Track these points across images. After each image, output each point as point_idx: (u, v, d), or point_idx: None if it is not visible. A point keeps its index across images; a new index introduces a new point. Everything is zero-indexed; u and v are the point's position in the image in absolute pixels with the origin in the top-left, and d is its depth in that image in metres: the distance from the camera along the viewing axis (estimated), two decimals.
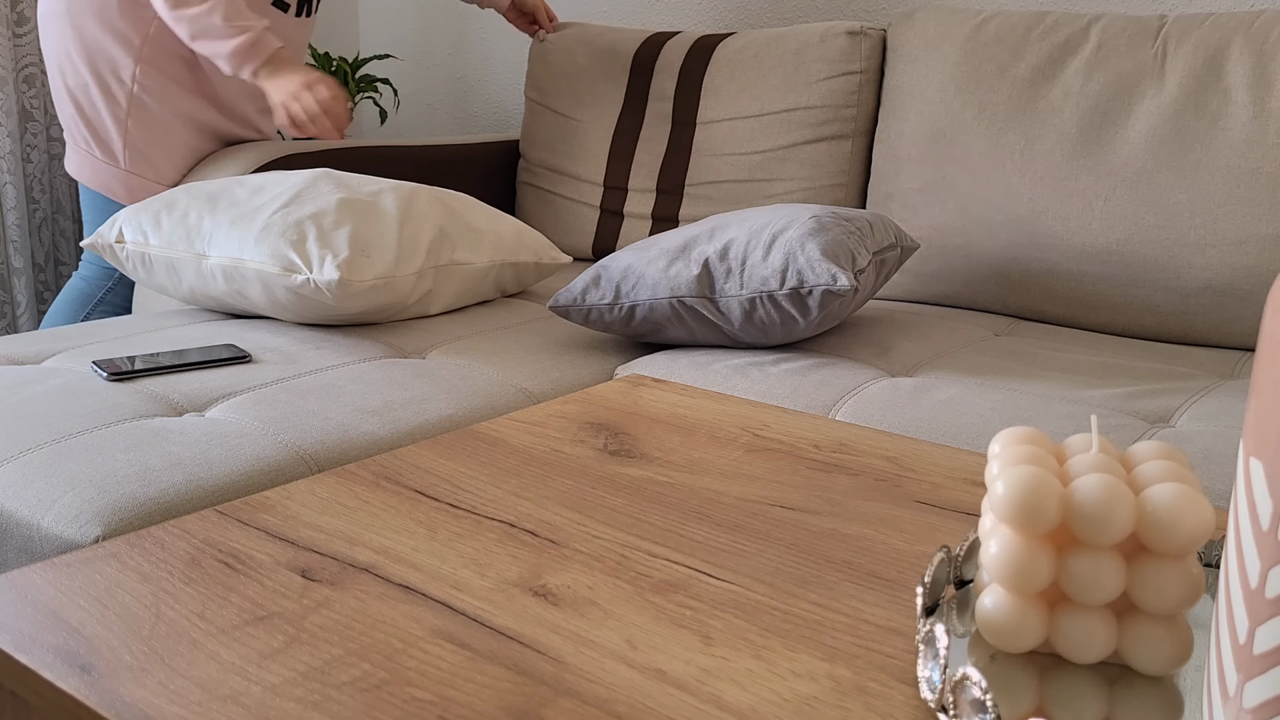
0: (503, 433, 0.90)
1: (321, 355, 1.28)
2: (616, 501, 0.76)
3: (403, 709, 0.52)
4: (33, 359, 1.26)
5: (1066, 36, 1.60)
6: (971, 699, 0.49)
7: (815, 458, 0.86)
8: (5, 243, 2.25)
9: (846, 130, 1.77)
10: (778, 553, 0.69)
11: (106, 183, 1.69)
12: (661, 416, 0.95)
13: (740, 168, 1.82)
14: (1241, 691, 0.40)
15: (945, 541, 0.72)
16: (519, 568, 0.66)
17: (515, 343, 1.38)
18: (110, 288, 1.75)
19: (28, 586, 0.62)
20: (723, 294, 1.29)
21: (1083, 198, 1.53)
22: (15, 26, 2.21)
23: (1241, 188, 1.43)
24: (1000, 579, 0.54)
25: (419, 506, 0.75)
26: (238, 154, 1.73)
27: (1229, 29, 1.49)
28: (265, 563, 0.66)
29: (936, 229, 1.64)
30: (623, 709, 0.52)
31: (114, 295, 1.76)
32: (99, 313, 1.76)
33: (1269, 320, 0.40)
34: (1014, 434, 0.59)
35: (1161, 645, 0.53)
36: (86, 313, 1.75)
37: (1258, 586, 0.39)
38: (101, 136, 1.67)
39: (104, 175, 1.69)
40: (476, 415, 1.17)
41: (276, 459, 1.00)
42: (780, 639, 0.59)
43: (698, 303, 1.30)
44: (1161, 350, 1.43)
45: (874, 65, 1.78)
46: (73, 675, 0.54)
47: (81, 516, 0.88)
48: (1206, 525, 0.52)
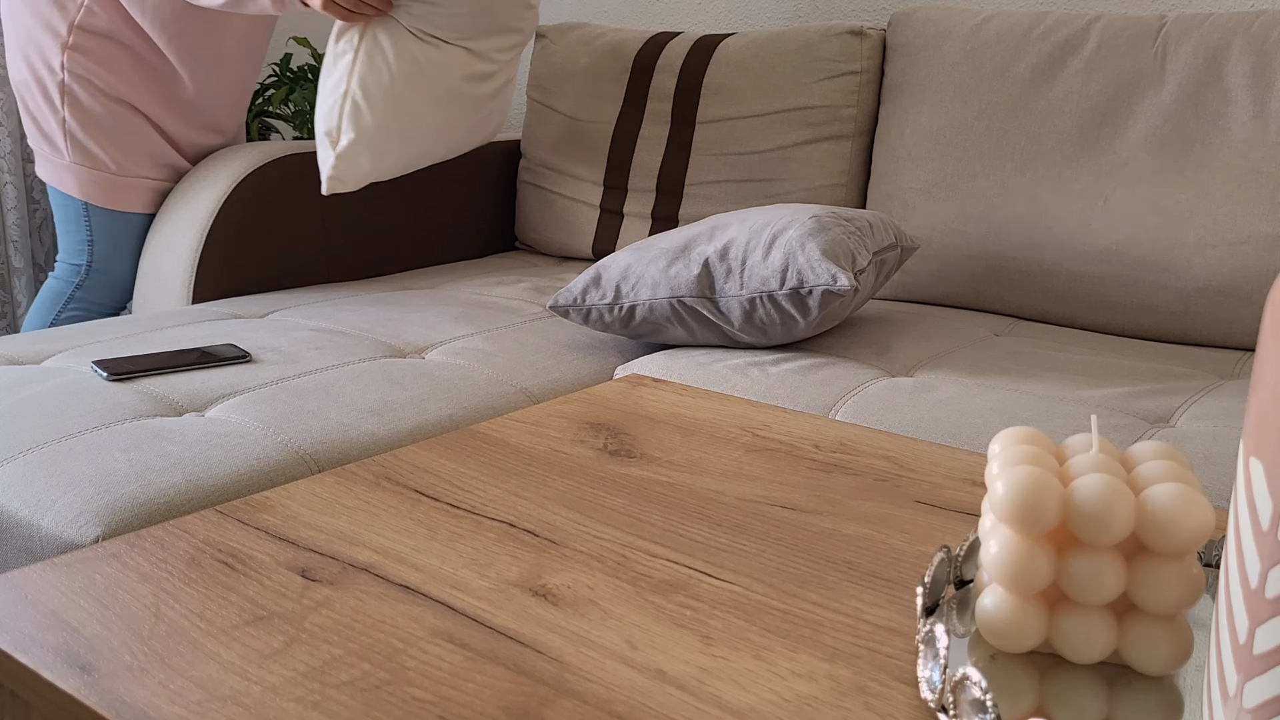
0: (503, 433, 0.90)
1: (321, 355, 1.28)
2: (616, 501, 0.76)
3: (403, 709, 0.52)
4: (33, 359, 1.26)
5: (1066, 36, 1.60)
6: (971, 699, 0.49)
7: (815, 458, 0.86)
8: (5, 243, 2.25)
9: (846, 130, 1.77)
10: (778, 553, 0.69)
11: (59, 177, 1.67)
12: (661, 416, 0.95)
13: (740, 168, 1.82)
14: (1241, 691, 0.40)
15: (945, 541, 0.72)
16: (519, 568, 0.66)
17: (515, 343, 1.38)
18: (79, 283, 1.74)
19: (28, 586, 0.62)
20: (723, 294, 1.29)
21: (1083, 198, 1.53)
22: None
23: (1241, 188, 1.43)
24: (1000, 579, 0.54)
25: (419, 506, 0.75)
26: (239, 153, 1.73)
27: (1229, 29, 1.49)
28: (265, 563, 0.66)
29: (936, 229, 1.64)
30: (623, 709, 0.52)
31: (84, 292, 1.74)
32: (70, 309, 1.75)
33: (1269, 320, 0.40)
34: (1014, 434, 0.59)
35: (1161, 645, 0.53)
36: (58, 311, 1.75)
37: (1258, 586, 0.39)
38: (45, 131, 1.66)
39: (55, 170, 1.67)
40: (476, 415, 1.17)
41: (276, 459, 1.00)
42: (780, 639, 0.59)
43: (698, 303, 1.30)
44: (1161, 350, 1.43)
45: (874, 65, 1.78)
46: (73, 675, 0.54)
47: (81, 516, 0.88)
48: (1206, 525, 0.52)
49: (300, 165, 1.76)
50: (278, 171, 1.72)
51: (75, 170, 1.66)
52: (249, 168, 1.69)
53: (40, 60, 1.62)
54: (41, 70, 1.63)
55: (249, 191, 1.68)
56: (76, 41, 1.61)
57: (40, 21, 1.61)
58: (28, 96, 1.66)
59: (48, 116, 1.65)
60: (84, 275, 1.73)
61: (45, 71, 1.63)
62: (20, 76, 1.65)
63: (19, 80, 1.66)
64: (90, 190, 1.68)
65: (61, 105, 1.63)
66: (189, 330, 1.38)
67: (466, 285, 1.75)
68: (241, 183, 1.67)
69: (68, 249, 1.74)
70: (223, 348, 1.27)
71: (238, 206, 1.67)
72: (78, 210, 1.70)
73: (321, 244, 1.80)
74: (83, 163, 1.66)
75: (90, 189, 1.68)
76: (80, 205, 1.69)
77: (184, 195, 1.70)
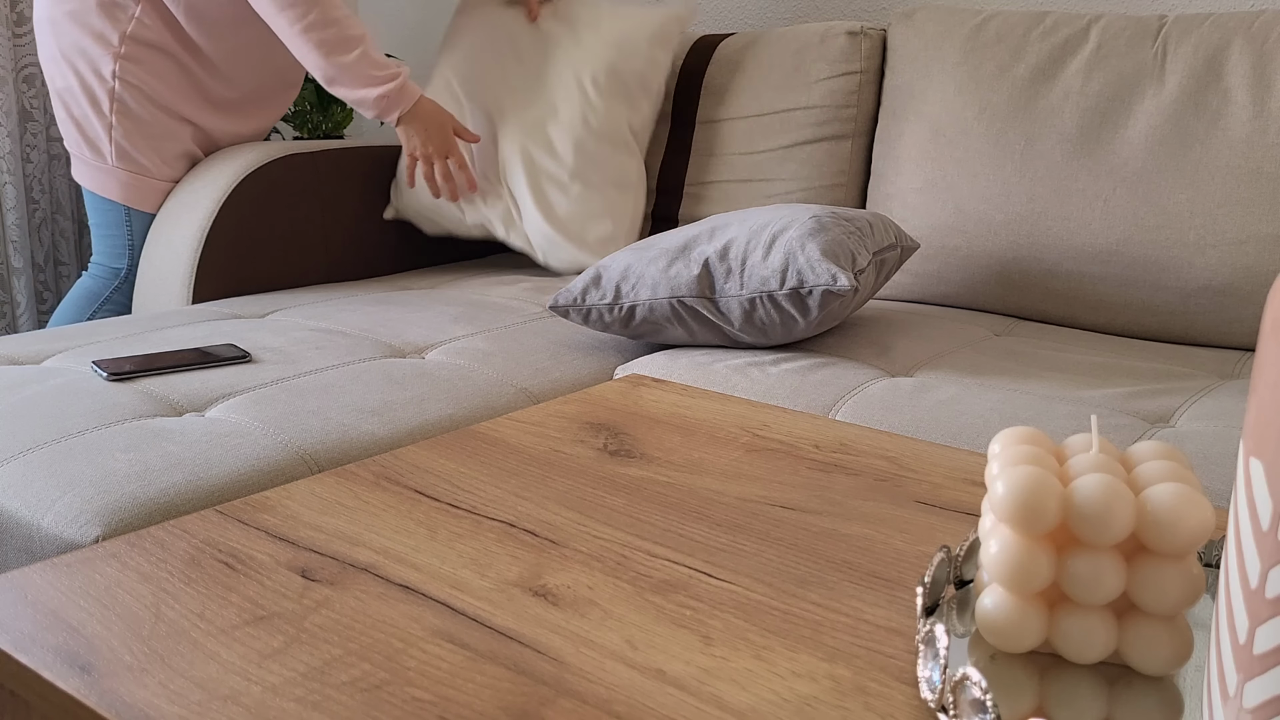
0: (503, 433, 0.90)
1: (321, 355, 1.28)
2: (616, 501, 0.76)
3: (403, 709, 0.52)
4: (33, 359, 1.26)
5: (1066, 36, 1.60)
6: (971, 699, 0.49)
7: (815, 458, 0.86)
8: (5, 243, 2.25)
9: (846, 130, 1.77)
10: (778, 553, 0.69)
11: (101, 182, 1.71)
12: (661, 416, 0.95)
13: (740, 168, 1.82)
14: (1241, 691, 0.40)
15: (945, 541, 0.72)
16: (519, 568, 0.66)
17: (515, 343, 1.38)
18: (117, 286, 1.76)
19: (28, 586, 0.62)
20: (723, 294, 1.29)
21: (1083, 198, 1.53)
22: (15, 26, 2.21)
23: (1241, 188, 1.43)
24: (1000, 579, 0.54)
25: (419, 506, 0.75)
26: (239, 153, 1.73)
27: (1229, 29, 1.49)
28: (265, 563, 0.66)
29: (936, 229, 1.64)
30: (623, 709, 0.52)
31: (120, 295, 1.77)
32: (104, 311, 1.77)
33: (1269, 320, 0.40)
34: (1014, 434, 0.59)
35: (1161, 645, 0.53)
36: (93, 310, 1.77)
37: (1258, 586, 0.39)
38: (89, 137, 1.69)
39: (97, 175, 1.70)
40: (476, 415, 1.17)
41: (276, 459, 1.00)
42: (780, 639, 0.59)
43: (698, 303, 1.30)
44: (1161, 350, 1.43)
45: (874, 65, 1.78)
46: (73, 675, 0.54)
47: (81, 516, 0.88)
48: (1206, 525, 0.52)
49: (301, 165, 1.76)
50: (278, 171, 1.72)
51: (119, 175, 1.69)
52: (249, 168, 1.69)
53: (89, 69, 1.66)
54: (90, 78, 1.66)
55: (249, 191, 1.68)
56: (128, 51, 1.65)
57: (90, 32, 1.65)
58: (71, 103, 1.69)
59: (94, 123, 1.68)
60: (123, 279, 1.76)
61: (94, 79, 1.66)
62: (65, 85, 1.69)
63: (63, 88, 1.69)
64: (133, 195, 1.71)
65: (110, 112, 1.66)
66: (189, 330, 1.38)
67: (466, 285, 1.75)
68: (242, 183, 1.67)
69: (107, 252, 1.76)
70: (223, 348, 1.27)
71: (238, 206, 1.67)
72: (119, 215, 1.73)
73: (321, 244, 1.80)
74: (126, 168, 1.69)
75: (133, 194, 1.71)
76: (122, 210, 1.72)
77: (184, 195, 1.70)
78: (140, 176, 1.70)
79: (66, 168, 2.34)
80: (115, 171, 1.69)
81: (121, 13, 1.65)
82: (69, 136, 1.72)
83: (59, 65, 1.68)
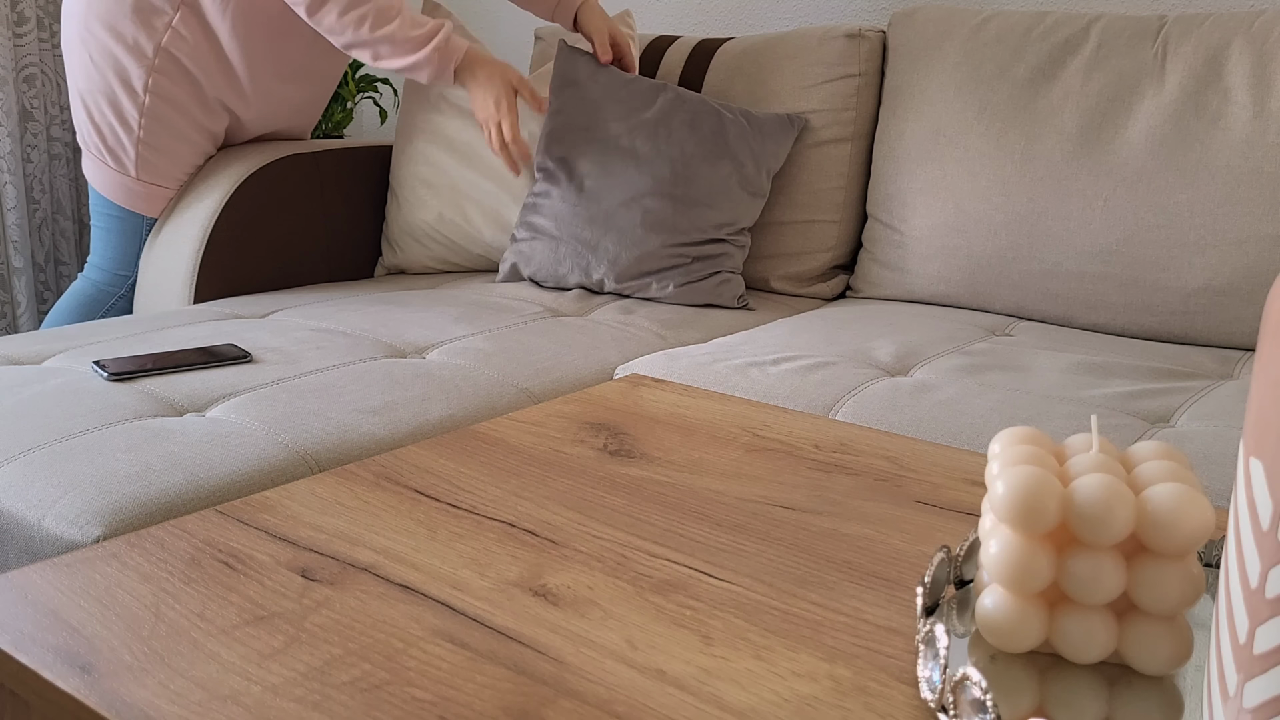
0: (503, 433, 0.90)
1: (321, 355, 1.28)
2: (616, 501, 0.76)
3: (403, 709, 0.52)
4: (33, 359, 1.27)
5: (1066, 36, 1.60)
6: (971, 699, 0.49)
7: (815, 458, 0.86)
8: (5, 243, 2.25)
9: (846, 134, 1.76)
10: (778, 553, 0.69)
11: (116, 190, 1.68)
12: (661, 416, 0.95)
13: None
14: (1241, 691, 0.40)
15: (945, 541, 0.72)
16: (519, 568, 0.66)
17: (515, 343, 1.38)
18: (122, 294, 1.75)
19: (28, 586, 0.63)
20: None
21: (1083, 198, 1.53)
22: (15, 26, 2.21)
23: (1241, 188, 1.43)
24: (1000, 579, 0.54)
25: (419, 506, 0.75)
26: (241, 154, 1.73)
27: (1229, 29, 1.49)
28: (265, 563, 0.66)
29: (936, 229, 1.64)
30: (623, 709, 0.52)
31: (125, 303, 1.75)
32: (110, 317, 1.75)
33: (1269, 320, 0.40)
34: (1014, 434, 0.59)
35: (1161, 645, 0.53)
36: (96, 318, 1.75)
37: (1258, 586, 0.39)
38: (110, 145, 1.66)
39: (114, 182, 1.68)
40: (476, 415, 1.17)
41: (276, 459, 1.00)
42: (780, 639, 0.59)
43: None
44: (1161, 350, 1.43)
45: (873, 68, 1.78)
46: (73, 675, 0.54)
47: (82, 517, 0.88)
48: (1206, 525, 0.52)
49: (301, 165, 1.76)
50: (279, 172, 1.72)
51: (141, 186, 1.67)
52: (250, 168, 1.69)
53: (118, 79, 1.63)
54: (118, 89, 1.63)
55: (250, 192, 1.68)
56: (161, 64, 1.62)
57: (123, 42, 1.62)
58: (93, 106, 1.66)
59: (118, 131, 1.65)
60: (129, 288, 1.74)
61: (123, 90, 1.63)
62: (89, 86, 1.65)
63: (86, 89, 1.66)
64: (154, 205, 1.70)
65: (138, 126, 1.64)
66: (190, 330, 1.38)
67: (466, 285, 1.75)
68: (243, 183, 1.67)
69: (117, 260, 1.74)
70: (223, 348, 1.27)
71: (239, 207, 1.67)
72: (136, 224, 1.71)
73: (322, 244, 1.80)
74: (149, 179, 1.68)
75: (154, 204, 1.70)
76: (139, 219, 1.71)
77: (186, 196, 1.70)
78: (159, 187, 1.69)
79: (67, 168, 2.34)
80: (138, 183, 1.67)
81: (157, 20, 1.61)
82: (86, 135, 1.68)
83: (87, 74, 1.65)
